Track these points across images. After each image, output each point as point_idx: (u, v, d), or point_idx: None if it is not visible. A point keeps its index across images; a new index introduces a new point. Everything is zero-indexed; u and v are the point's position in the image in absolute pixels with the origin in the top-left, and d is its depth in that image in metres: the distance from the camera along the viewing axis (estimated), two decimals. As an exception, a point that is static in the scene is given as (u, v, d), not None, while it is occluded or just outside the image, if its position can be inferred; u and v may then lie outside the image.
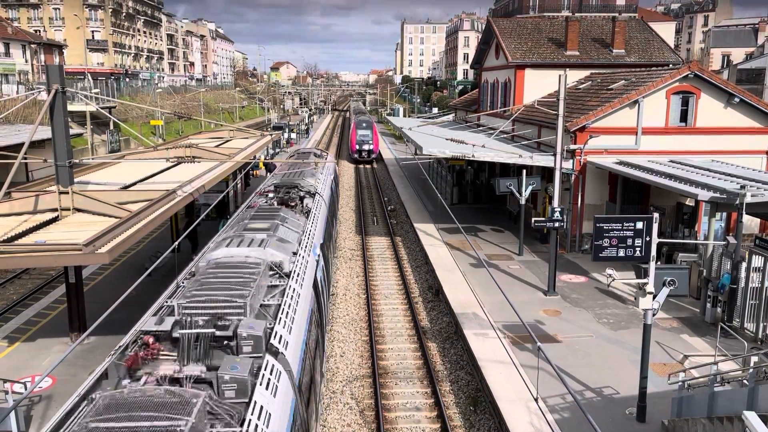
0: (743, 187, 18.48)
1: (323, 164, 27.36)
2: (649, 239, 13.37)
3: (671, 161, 25.23)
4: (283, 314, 9.47)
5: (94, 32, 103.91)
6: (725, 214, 23.31)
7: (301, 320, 10.22)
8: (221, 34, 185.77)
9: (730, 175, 21.92)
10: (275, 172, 25.82)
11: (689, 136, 25.84)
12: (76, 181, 17.10)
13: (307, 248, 13.75)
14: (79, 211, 16.20)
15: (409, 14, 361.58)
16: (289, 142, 69.57)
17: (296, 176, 22.21)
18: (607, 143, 25.63)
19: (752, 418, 7.71)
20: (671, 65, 31.43)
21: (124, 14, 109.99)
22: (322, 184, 22.58)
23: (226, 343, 8.14)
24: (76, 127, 46.77)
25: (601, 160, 25.55)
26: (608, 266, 13.73)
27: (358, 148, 60.40)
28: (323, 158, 29.96)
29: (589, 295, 21.23)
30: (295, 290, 10.70)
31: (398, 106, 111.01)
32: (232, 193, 32.27)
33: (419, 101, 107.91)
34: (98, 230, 13.57)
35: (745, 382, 10.72)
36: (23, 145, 15.86)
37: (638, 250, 13.80)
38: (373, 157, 61.01)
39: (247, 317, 8.57)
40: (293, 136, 73.83)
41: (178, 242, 13.28)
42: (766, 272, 16.65)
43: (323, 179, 23.73)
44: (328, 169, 27.27)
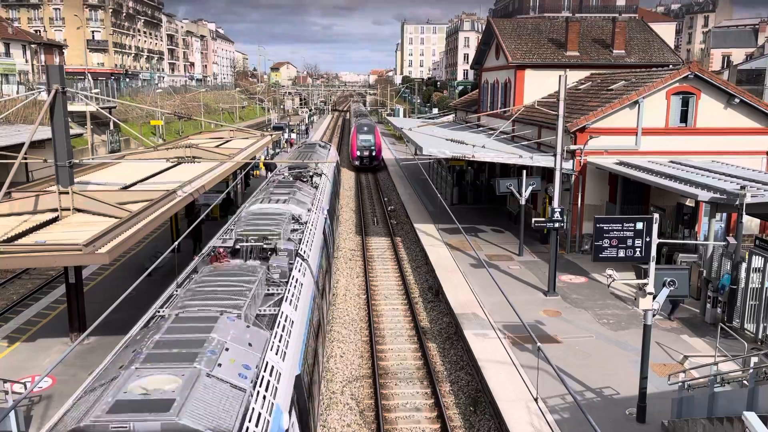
0: (743, 187, 18.45)
1: (327, 153, 33.61)
2: (649, 240, 13.38)
3: (671, 162, 25.23)
4: (304, 241, 14.51)
5: (94, 32, 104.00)
6: (725, 214, 23.31)
7: (316, 246, 15.46)
8: (221, 34, 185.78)
9: (730, 175, 21.92)
10: (289, 154, 29.87)
11: (689, 136, 25.84)
12: (76, 181, 17.11)
13: (317, 209, 18.82)
14: (79, 211, 16.21)
15: (409, 15, 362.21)
16: (288, 141, 69.66)
17: (306, 159, 28.52)
18: (607, 144, 25.62)
19: (752, 418, 7.70)
20: (671, 66, 31.43)
21: (124, 14, 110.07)
22: (326, 168, 27.93)
23: (270, 253, 12.60)
24: (76, 127, 46.69)
25: (601, 160, 25.54)
26: (608, 267, 13.73)
27: (359, 154, 53.18)
28: (327, 149, 36.20)
29: (589, 295, 21.22)
30: (310, 231, 15.84)
31: (398, 106, 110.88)
32: (232, 194, 32.48)
33: (419, 102, 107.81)
34: (98, 230, 13.57)
35: (745, 382, 10.71)
36: (23, 145, 15.86)
37: (638, 250, 13.83)
38: (375, 164, 54.30)
39: (281, 240, 13.39)
40: (293, 136, 73.89)
41: (178, 242, 13.31)
42: (766, 273, 16.65)
43: (327, 165, 28.98)
44: (331, 157, 32.93)
